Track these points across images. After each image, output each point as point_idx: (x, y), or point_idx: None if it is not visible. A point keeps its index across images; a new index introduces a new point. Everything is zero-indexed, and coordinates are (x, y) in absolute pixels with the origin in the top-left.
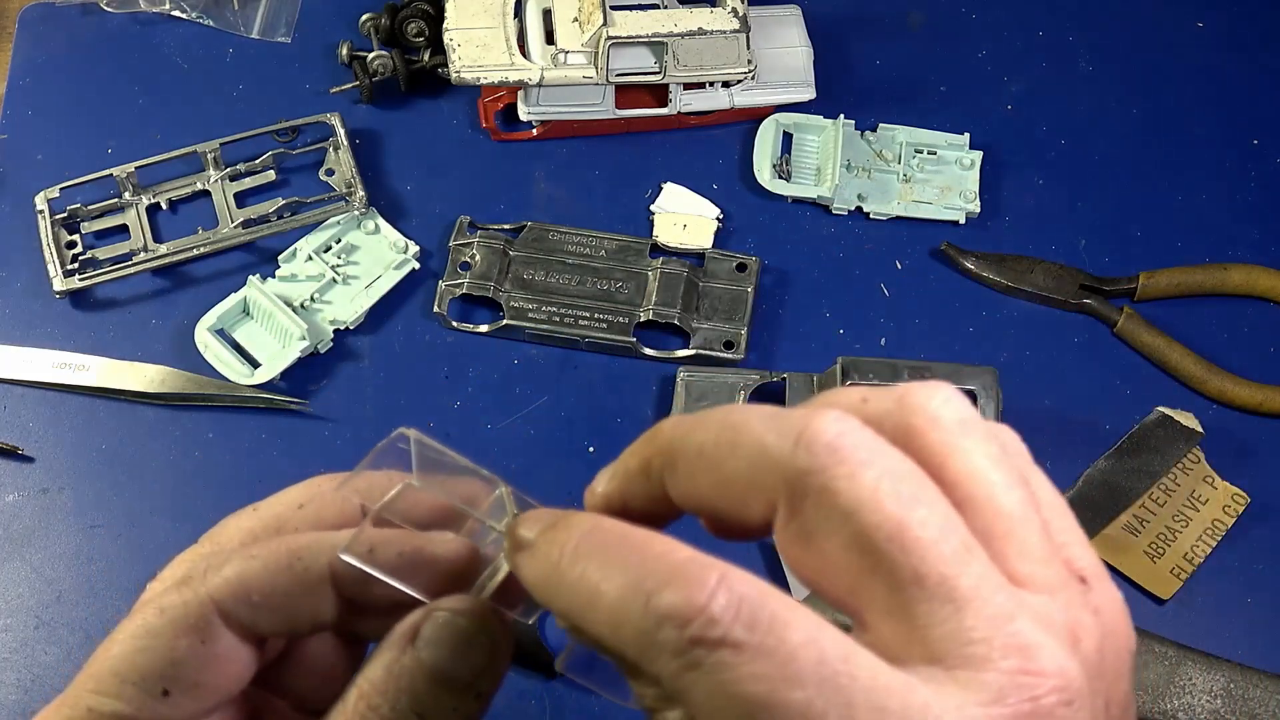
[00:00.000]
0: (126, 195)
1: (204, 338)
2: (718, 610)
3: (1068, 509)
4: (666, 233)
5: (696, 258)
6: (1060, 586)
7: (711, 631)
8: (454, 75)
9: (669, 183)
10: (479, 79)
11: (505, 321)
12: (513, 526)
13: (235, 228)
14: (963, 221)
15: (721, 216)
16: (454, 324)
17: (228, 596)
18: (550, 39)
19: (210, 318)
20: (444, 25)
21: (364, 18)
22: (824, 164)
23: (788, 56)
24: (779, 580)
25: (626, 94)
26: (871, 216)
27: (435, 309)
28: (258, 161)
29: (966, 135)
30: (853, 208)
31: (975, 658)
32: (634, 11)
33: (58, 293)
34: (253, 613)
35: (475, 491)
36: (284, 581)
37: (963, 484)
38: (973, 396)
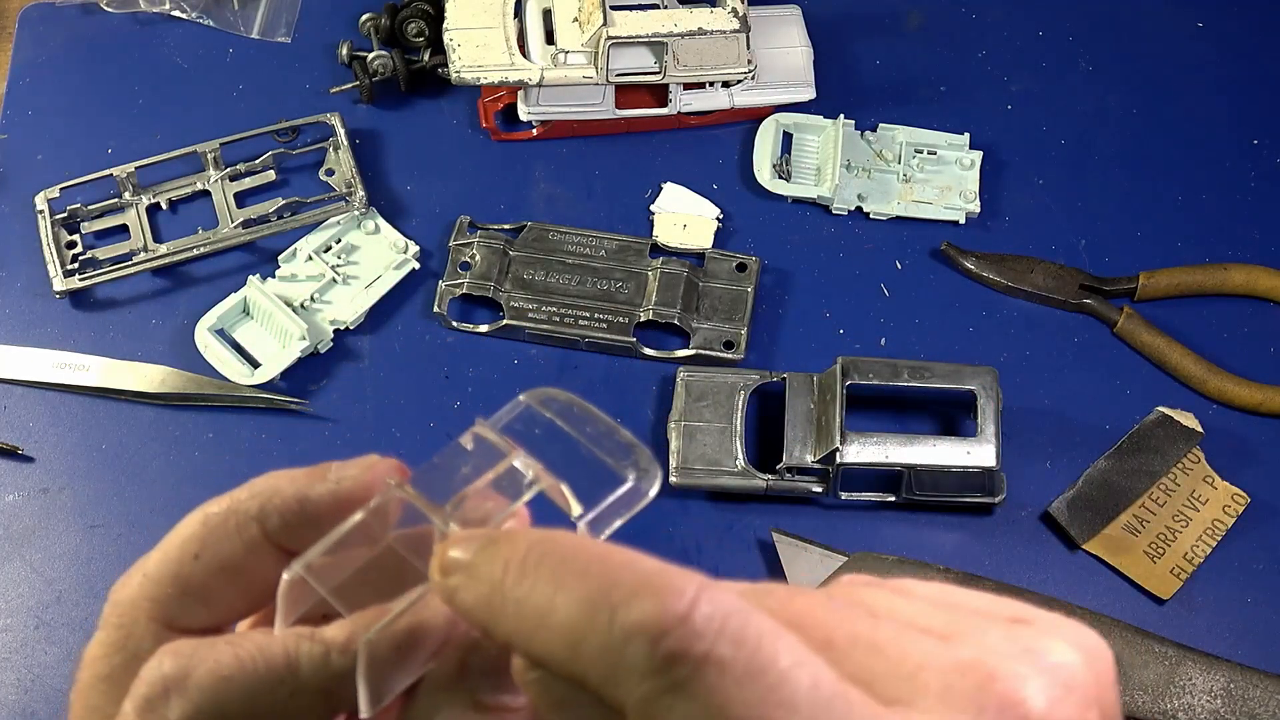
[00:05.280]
0: (126, 195)
1: (204, 338)
2: (700, 621)
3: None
4: (666, 233)
5: (696, 258)
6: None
7: (694, 646)
8: (454, 75)
9: (669, 183)
10: (479, 79)
11: (505, 321)
12: (441, 549)
13: (235, 228)
14: (963, 221)
15: (721, 216)
16: (454, 324)
17: None
18: (550, 39)
19: (210, 318)
20: (444, 25)
21: (364, 18)
22: (824, 164)
23: (788, 56)
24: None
25: (626, 94)
26: (871, 216)
27: (435, 309)
28: (258, 161)
29: (966, 135)
30: (853, 208)
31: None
32: (634, 11)
33: (58, 293)
34: None
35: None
36: (266, 701)
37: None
38: (973, 396)
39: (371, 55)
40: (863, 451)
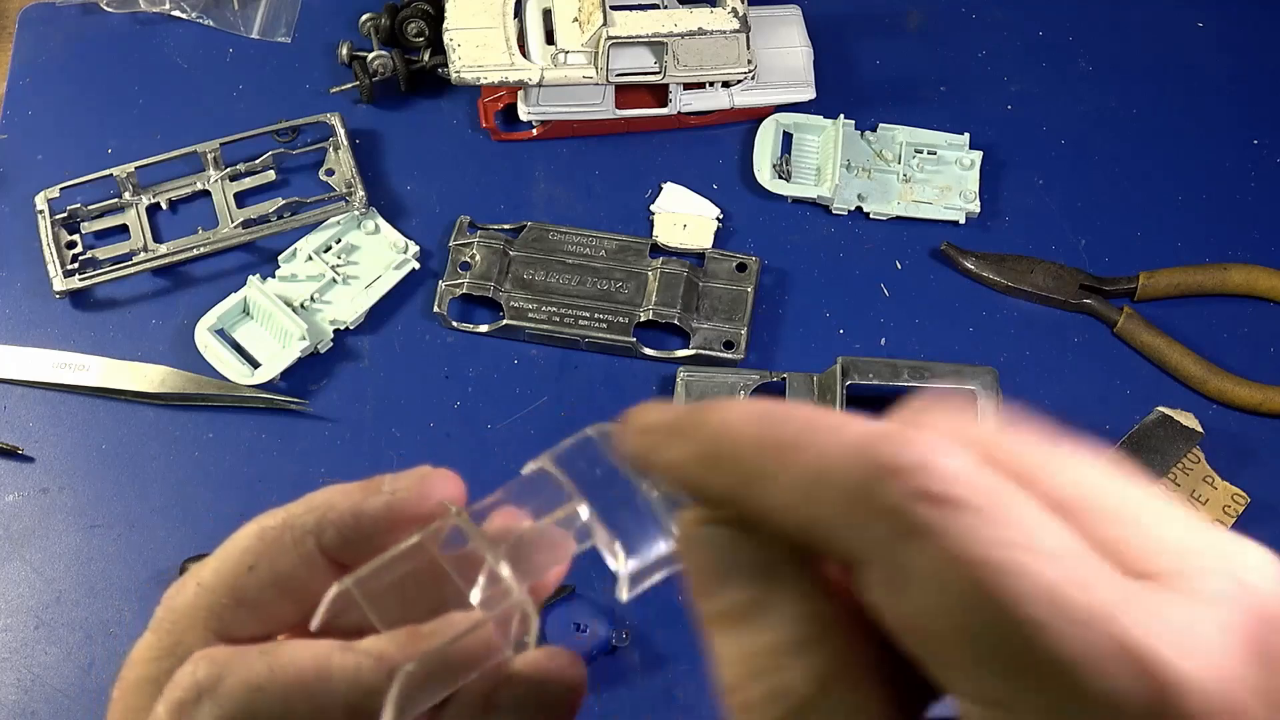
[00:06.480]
0: (126, 195)
1: (204, 338)
2: (952, 466)
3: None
4: (666, 233)
5: (696, 258)
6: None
7: (943, 488)
8: (454, 75)
9: (669, 183)
10: (479, 79)
11: (505, 321)
12: (633, 416)
13: (235, 228)
14: (963, 221)
15: (721, 216)
16: (454, 324)
17: None
18: (550, 39)
19: (210, 318)
20: (444, 25)
21: (364, 18)
22: (824, 164)
23: (788, 56)
24: None
25: (626, 94)
26: (871, 216)
27: (435, 309)
28: (258, 161)
29: (966, 135)
30: (853, 208)
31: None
32: (634, 11)
33: (58, 293)
34: None
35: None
36: (296, 711)
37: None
38: (973, 396)
39: (371, 55)
40: None
